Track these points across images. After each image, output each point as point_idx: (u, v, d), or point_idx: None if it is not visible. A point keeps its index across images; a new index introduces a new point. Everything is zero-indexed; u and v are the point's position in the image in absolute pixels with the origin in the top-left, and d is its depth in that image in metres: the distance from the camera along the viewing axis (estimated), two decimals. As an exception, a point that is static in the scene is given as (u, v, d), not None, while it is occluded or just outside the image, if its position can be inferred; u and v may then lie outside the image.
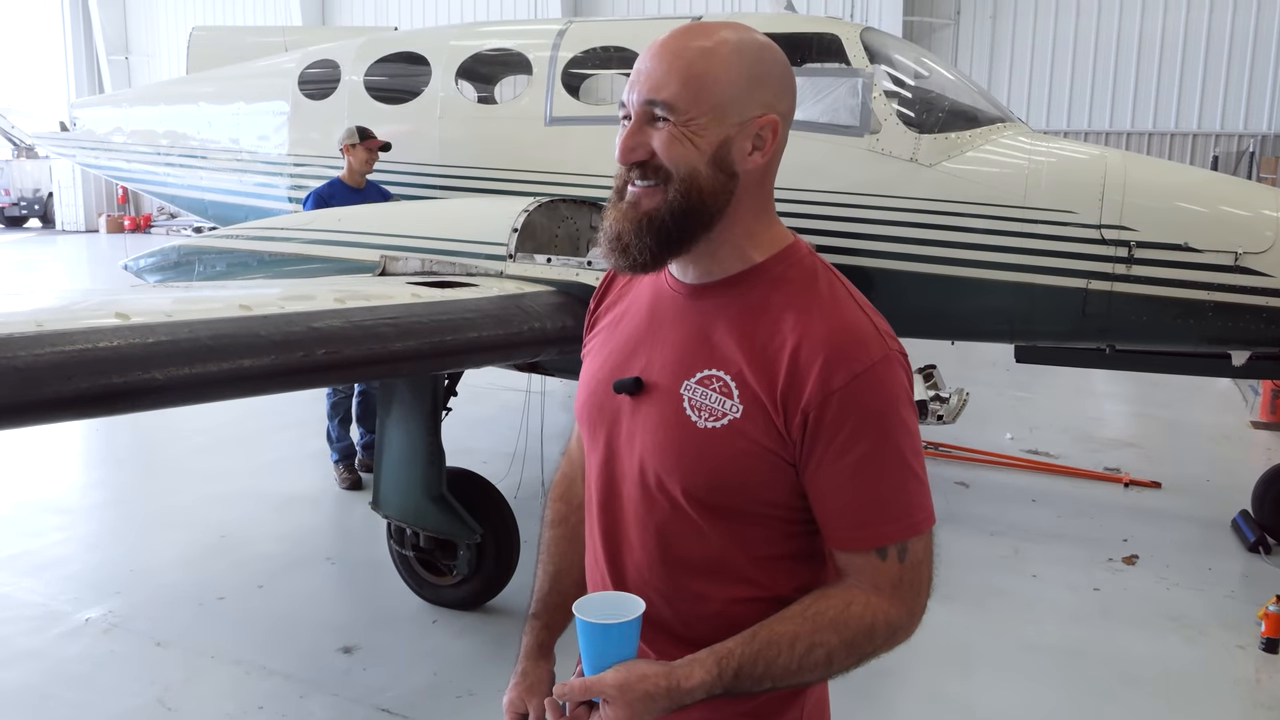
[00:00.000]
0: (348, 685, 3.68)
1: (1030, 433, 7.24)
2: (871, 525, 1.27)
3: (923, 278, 4.96)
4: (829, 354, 1.24)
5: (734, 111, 1.27)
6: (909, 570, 1.29)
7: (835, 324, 1.27)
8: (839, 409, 1.23)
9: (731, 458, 1.28)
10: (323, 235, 4.62)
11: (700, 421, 1.29)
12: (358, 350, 2.69)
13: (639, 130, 1.29)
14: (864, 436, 1.24)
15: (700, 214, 1.29)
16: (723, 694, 1.24)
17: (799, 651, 1.24)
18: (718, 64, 1.27)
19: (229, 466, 6.23)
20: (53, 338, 2.07)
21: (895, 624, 1.29)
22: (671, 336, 1.36)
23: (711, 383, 1.30)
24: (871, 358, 1.25)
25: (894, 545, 1.28)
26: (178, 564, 4.81)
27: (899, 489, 1.27)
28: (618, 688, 1.20)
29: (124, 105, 8.46)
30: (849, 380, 1.23)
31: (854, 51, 5.18)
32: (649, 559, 1.37)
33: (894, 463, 1.26)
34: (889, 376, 1.26)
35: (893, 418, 1.26)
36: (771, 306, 1.30)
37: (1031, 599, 4.53)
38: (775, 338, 1.27)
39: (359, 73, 6.47)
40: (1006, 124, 5.20)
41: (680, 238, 1.29)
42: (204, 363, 2.30)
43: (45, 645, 4.04)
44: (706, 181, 1.27)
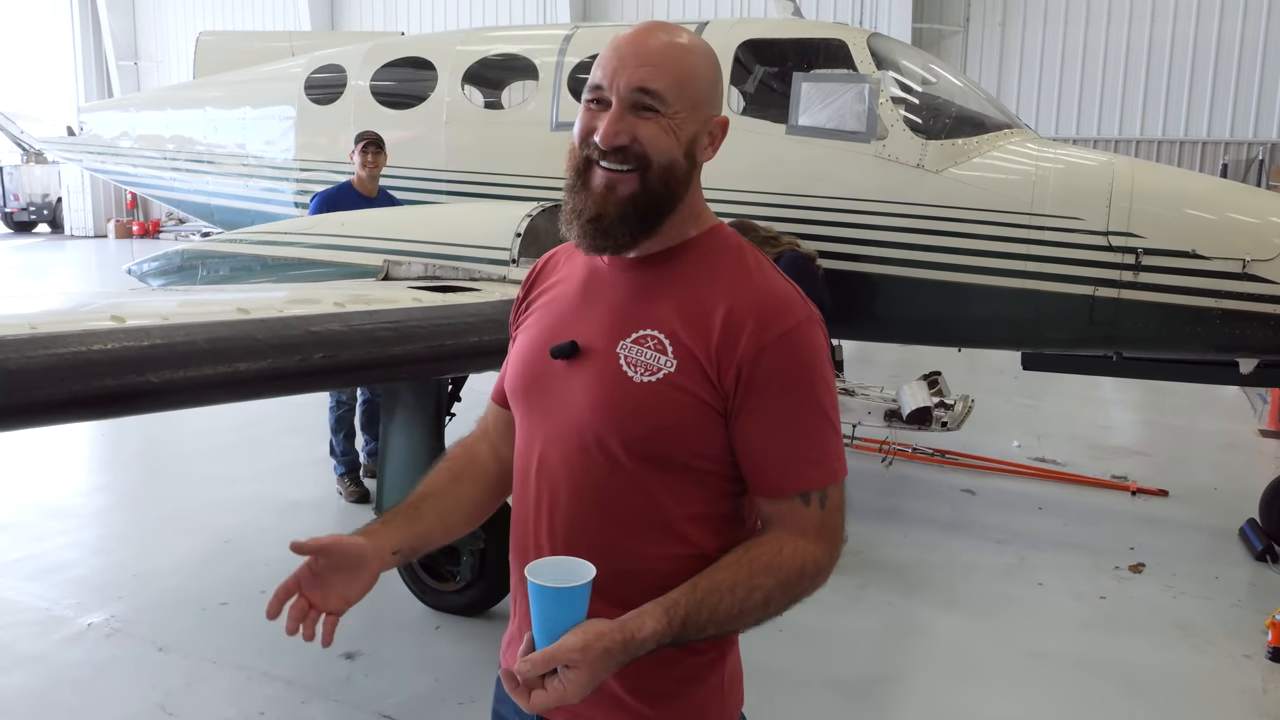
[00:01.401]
0: (350, 691, 3.66)
1: (1037, 440, 7.20)
2: (797, 472, 1.38)
3: (929, 284, 4.94)
4: (760, 314, 1.36)
5: (704, 109, 1.42)
6: (829, 514, 1.39)
7: (764, 288, 1.40)
8: (770, 362, 1.35)
9: (667, 409, 1.37)
10: (327, 240, 4.62)
11: (636, 376, 1.38)
12: (356, 354, 2.67)
13: (623, 116, 1.37)
14: (791, 389, 1.36)
15: (671, 199, 1.41)
16: (670, 643, 1.29)
17: (739, 596, 1.32)
18: (698, 63, 1.41)
19: (233, 472, 6.23)
20: (45, 340, 2.06)
21: (820, 564, 1.38)
22: (607, 304, 1.45)
23: (646, 341, 1.39)
24: (797, 317, 1.38)
25: (815, 491, 1.38)
26: (181, 569, 4.81)
27: (820, 439, 1.39)
28: (580, 650, 1.22)
29: (131, 110, 8.49)
30: (778, 337, 1.35)
31: (861, 57, 5.17)
32: (583, 516, 1.43)
33: (816, 414, 1.38)
34: (813, 335, 1.39)
35: (815, 372, 1.38)
36: (703, 275, 1.42)
37: (1037, 607, 4.50)
38: (707, 300, 1.38)
39: (365, 78, 6.48)
40: (1014, 130, 5.18)
41: (657, 220, 1.41)
42: (200, 366, 2.29)
43: (48, 650, 4.03)
44: (680, 171, 1.40)
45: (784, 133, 5.18)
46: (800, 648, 4.04)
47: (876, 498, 5.86)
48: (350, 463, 5.89)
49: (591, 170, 1.39)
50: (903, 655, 4.06)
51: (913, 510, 5.75)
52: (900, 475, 6.25)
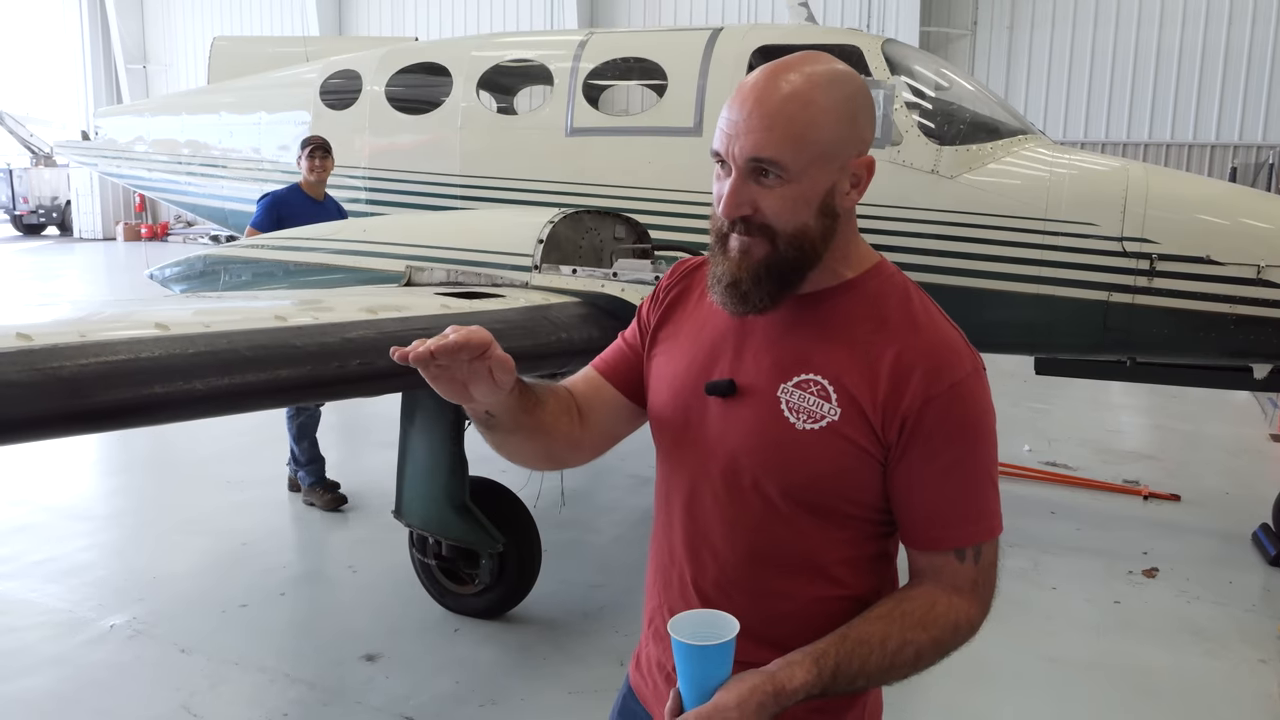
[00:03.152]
0: (371, 693, 3.70)
1: (1049, 445, 7.21)
2: (953, 527, 1.36)
3: (943, 290, 4.96)
4: (929, 363, 1.32)
5: (836, 158, 1.31)
6: (983, 571, 1.37)
7: (933, 336, 1.35)
8: (936, 415, 1.31)
9: (829, 457, 1.34)
10: (348, 245, 4.65)
11: (798, 423, 1.35)
12: (390, 361, 2.70)
13: (743, 185, 1.31)
14: (954, 443, 1.33)
15: (808, 260, 1.35)
16: (820, 694, 1.27)
17: (890, 649, 1.30)
18: (818, 115, 1.29)
19: (250, 474, 6.27)
20: (96, 348, 2.09)
21: (974, 621, 1.37)
22: (765, 343, 1.41)
23: (809, 386, 1.36)
24: (965, 369, 1.34)
25: (970, 547, 1.36)
26: (200, 572, 4.84)
27: (979, 494, 1.36)
28: (736, 709, 1.22)
29: (146, 115, 8.54)
30: (947, 388, 1.31)
31: (875, 63, 5.20)
32: (735, 557, 1.42)
33: (978, 469, 1.35)
34: (979, 388, 1.35)
35: (981, 427, 1.35)
36: (868, 319, 1.37)
37: (1051, 611, 4.52)
38: (874, 347, 1.34)
39: (380, 83, 6.53)
40: (1028, 136, 5.20)
41: (795, 280, 1.36)
42: (243, 373, 2.33)
43: (70, 651, 4.07)
44: (815, 231, 1.34)
45: (798, 138, 5.21)
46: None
47: (889, 502, 5.87)
48: (318, 470, 5.79)
49: (729, 236, 1.35)
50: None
51: (925, 514, 5.76)
52: (912, 479, 6.27)
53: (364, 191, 6.51)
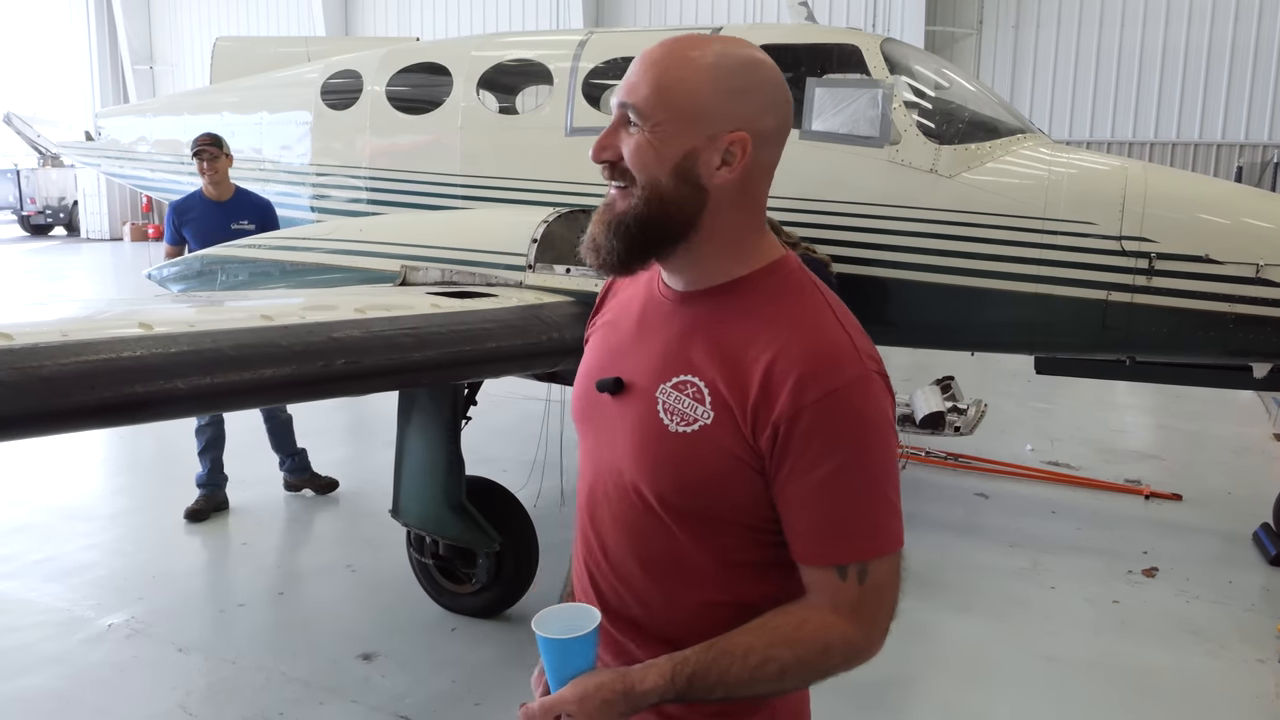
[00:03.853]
0: (367, 692, 3.70)
1: (1050, 444, 7.20)
2: (832, 542, 1.27)
3: (942, 289, 4.95)
4: (804, 369, 1.24)
5: (704, 123, 1.26)
6: (869, 592, 1.28)
7: (812, 340, 1.27)
8: (809, 424, 1.23)
9: (699, 463, 1.29)
10: (344, 245, 4.66)
11: (672, 425, 1.31)
12: (377, 360, 2.72)
13: (613, 132, 1.30)
14: (832, 454, 1.24)
15: (665, 224, 1.29)
16: (675, 699, 1.27)
17: (751, 664, 1.26)
18: (692, 74, 1.26)
19: (249, 474, 6.27)
20: (77, 347, 2.10)
21: (852, 645, 1.28)
22: (655, 340, 1.37)
23: (686, 388, 1.31)
24: (846, 376, 1.24)
25: (853, 565, 1.27)
26: (199, 571, 4.86)
27: (863, 509, 1.27)
28: (577, 701, 1.24)
29: (148, 115, 8.57)
30: (821, 396, 1.23)
31: (874, 62, 5.19)
32: (623, 558, 1.40)
33: (860, 482, 1.26)
34: (863, 396, 1.25)
35: (864, 438, 1.25)
36: (751, 319, 1.30)
37: (1050, 610, 4.51)
38: (751, 349, 1.27)
39: (381, 83, 6.53)
40: (1027, 135, 5.19)
41: (645, 244, 1.30)
42: (226, 372, 2.33)
43: (69, 650, 4.08)
44: (668, 192, 1.27)
45: (797, 137, 5.20)
46: (813, 651, 4.05)
47: (889, 501, 5.87)
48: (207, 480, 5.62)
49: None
50: (915, 658, 4.07)
51: (926, 513, 5.75)
52: (913, 479, 6.26)
53: (365, 192, 6.52)
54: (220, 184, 5.51)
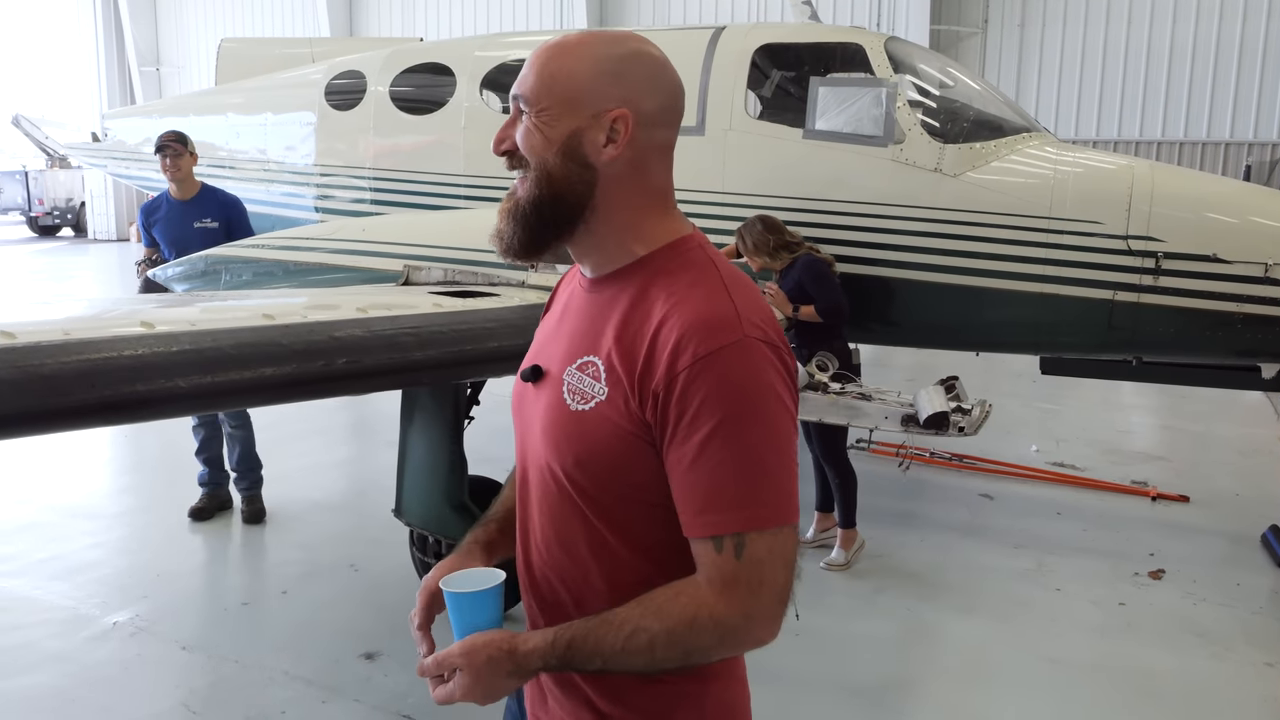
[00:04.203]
0: (369, 691, 3.70)
1: (1056, 445, 7.17)
2: (708, 512, 1.25)
3: (947, 289, 4.94)
4: (681, 335, 1.24)
5: (585, 104, 1.31)
6: (746, 568, 1.24)
7: (694, 308, 1.27)
8: (683, 389, 1.23)
9: (597, 440, 1.31)
10: (348, 245, 4.66)
11: (573, 404, 1.33)
12: (378, 359, 2.72)
13: (509, 124, 1.37)
14: (707, 419, 1.23)
15: (558, 205, 1.34)
16: (558, 665, 1.29)
17: (624, 633, 1.26)
18: (572, 59, 1.33)
19: (254, 473, 6.28)
20: (78, 346, 2.11)
21: (724, 623, 1.25)
22: (569, 327, 1.42)
23: (587, 368, 1.33)
24: (722, 340, 1.24)
25: (729, 536, 1.24)
26: (203, 570, 4.86)
27: (740, 477, 1.24)
28: (463, 655, 1.30)
29: (154, 116, 8.59)
30: (693, 361, 1.23)
31: (878, 61, 5.18)
32: (546, 539, 1.42)
33: (737, 450, 1.23)
34: (741, 361, 1.24)
35: (740, 403, 1.23)
36: (648, 297, 1.31)
37: (1055, 612, 4.49)
38: (643, 324, 1.29)
39: (384, 83, 6.54)
40: (1032, 134, 5.17)
41: (542, 227, 1.35)
42: (226, 371, 2.34)
43: (73, 648, 4.09)
44: (556, 171, 1.32)
45: (801, 137, 5.20)
46: (814, 651, 4.05)
47: (893, 502, 5.86)
48: (214, 484, 5.62)
49: None
50: (918, 660, 4.06)
51: (929, 515, 5.74)
52: (917, 479, 6.25)
53: (369, 192, 6.53)
54: (183, 182, 5.37)
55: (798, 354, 4.28)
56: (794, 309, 4.76)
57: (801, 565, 1.36)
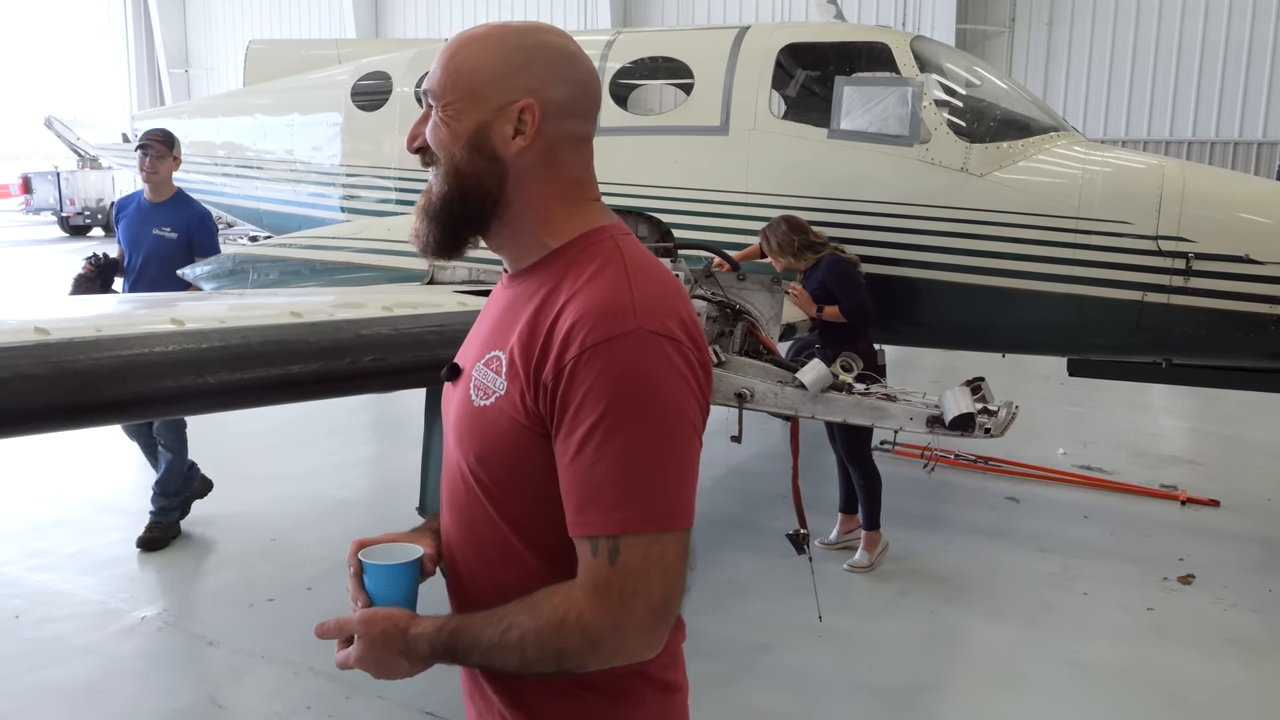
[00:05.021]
0: (393, 688, 3.70)
1: (1083, 448, 7.10)
2: (585, 510, 1.20)
3: (973, 289, 4.91)
4: (572, 325, 1.20)
5: (490, 97, 1.28)
6: (619, 574, 1.18)
7: (589, 297, 1.22)
8: (569, 381, 1.19)
9: (495, 435, 1.28)
10: (373, 244, 4.69)
11: (477, 400, 1.31)
12: (404, 357, 2.74)
13: (421, 122, 1.36)
14: (589, 412, 1.18)
15: (469, 199, 1.31)
16: (444, 653, 1.27)
17: (500, 628, 1.25)
18: (477, 52, 1.30)
19: (278, 471, 6.34)
20: (110, 342, 2.14)
21: (590, 629, 1.20)
22: (485, 325, 1.40)
23: (492, 363, 1.31)
24: (613, 331, 1.19)
25: (603, 539, 1.19)
26: (229, 566, 4.91)
27: (618, 477, 1.18)
28: (361, 623, 1.29)
29: (184, 117, 8.68)
30: (580, 351, 1.18)
31: (904, 60, 5.15)
32: (458, 537, 1.40)
33: (617, 447, 1.17)
34: (631, 353, 1.18)
35: (625, 397, 1.17)
36: (556, 290, 1.27)
37: (1082, 617, 4.44)
38: (544, 317, 1.25)
39: (410, 84, 6.57)
40: (1060, 133, 5.13)
41: (454, 223, 1.33)
42: (255, 368, 2.36)
43: (102, 642, 4.14)
44: (464, 165, 1.30)
45: (825, 137, 5.18)
46: (837, 653, 4.03)
47: (918, 504, 5.82)
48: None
49: None
50: (943, 663, 4.03)
51: (954, 517, 5.70)
52: (942, 482, 6.20)
53: (394, 192, 6.57)
54: (158, 186, 5.06)
55: (821, 354, 4.25)
56: (818, 309, 4.74)
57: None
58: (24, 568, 4.82)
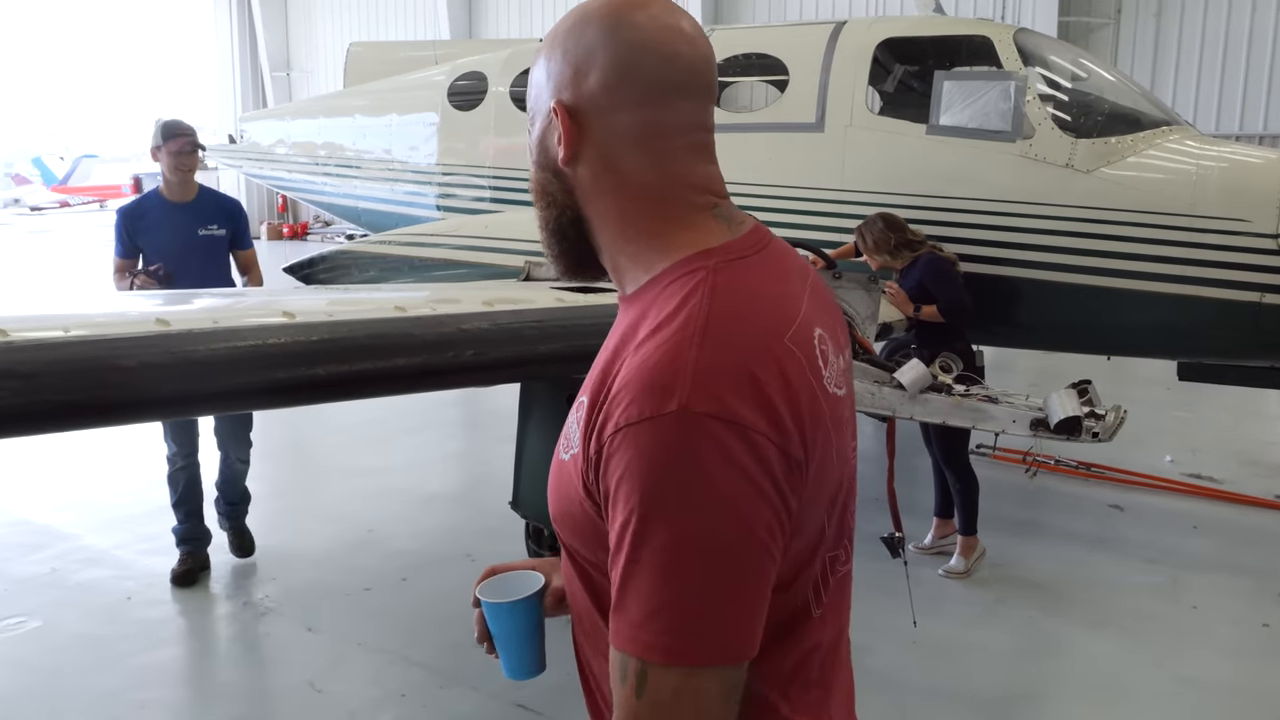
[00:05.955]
0: (487, 679, 3.77)
1: (1192, 455, 6.81)
2: (617, 616, 0.97)
3: (1077, 289, 4.75)
4: (618, 393, 0.98)
5: (541, 104, 1.13)
6: (646, 710, 0.95)
7: (644, 360, 0.98)
8: (606, 462, 0.97)
9: (567, 496, 1.08)
10: (470, 241, 4.77)
11: (561, 452, 1.12)
12: (503, 352, 2.78)
13: None
14: (622, 506, 0.95)
15: (549, 216, 1.16)
16: None
17: None
18: (542, 55, 1.14)
19: (374, 464, 6.49)
20: (226, 334, 2.22)
21: None
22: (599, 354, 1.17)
23: (579, 409, 1.07)
24: (651, 409, 0.94)
25: (632, 659, 0.96)
26: (328, 556, 5.04)
27: (648, 591, 0.94)
28: None
29: (286, 118, 8.96)
30: (615, 430, 0.96)
31: (1006, 54, 5.01)
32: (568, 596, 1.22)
33: (647, 554, 0.94)
34: (671, 439, 0.93)
35: (660, 493, 0.93)
36: (632, 331, 1.05)
37: (1190, 631, 4.26)
38: (612, 369, 1.04)
39: (505, 84, 6.66)
40: (1172, 127, 4.93)
41: (552, 241, 1.18)
42: (362, 360, 2.43)
43: (206, 626, 4.32)
44: (537, 182, 1.17)
45: (924, 133, 5.07)
46: (931, 660, 3.94)
47: (1016, 510, 5.66)
48: (183, 533, 4.81)
49: None
50: (1043, 674, 3.91)
51: (1055, 524, 5.52)
52: (1042, 487, 6.02)
53: (488, 190, 6.66)
54: (188, 183, 4.68)
55: (918, 355, 4.17)
56: (915, 309, 4.65)
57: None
58: (136, 551, 5.04)
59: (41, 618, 4.31)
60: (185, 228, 4.60)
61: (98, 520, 5.51)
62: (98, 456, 6.52)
